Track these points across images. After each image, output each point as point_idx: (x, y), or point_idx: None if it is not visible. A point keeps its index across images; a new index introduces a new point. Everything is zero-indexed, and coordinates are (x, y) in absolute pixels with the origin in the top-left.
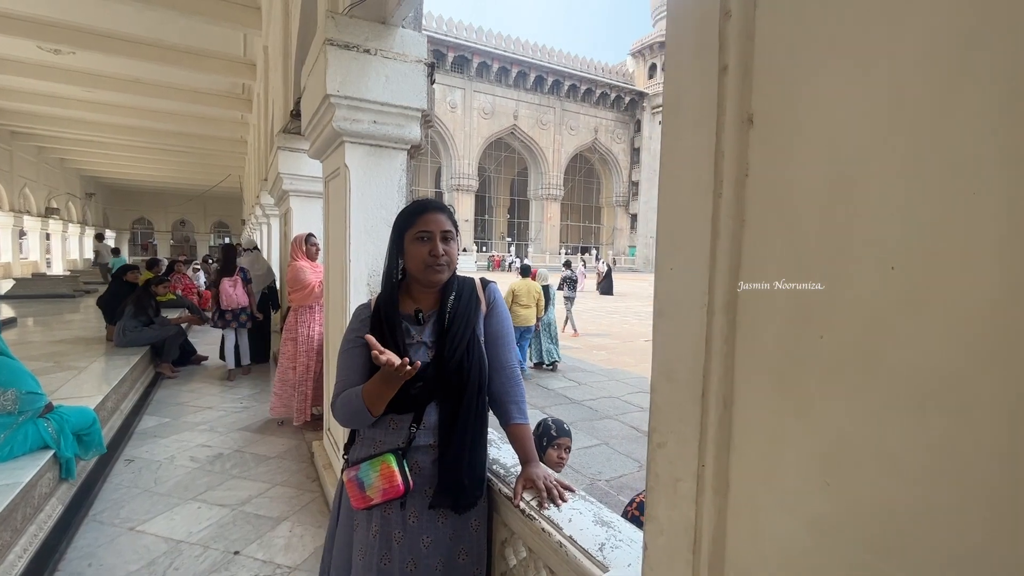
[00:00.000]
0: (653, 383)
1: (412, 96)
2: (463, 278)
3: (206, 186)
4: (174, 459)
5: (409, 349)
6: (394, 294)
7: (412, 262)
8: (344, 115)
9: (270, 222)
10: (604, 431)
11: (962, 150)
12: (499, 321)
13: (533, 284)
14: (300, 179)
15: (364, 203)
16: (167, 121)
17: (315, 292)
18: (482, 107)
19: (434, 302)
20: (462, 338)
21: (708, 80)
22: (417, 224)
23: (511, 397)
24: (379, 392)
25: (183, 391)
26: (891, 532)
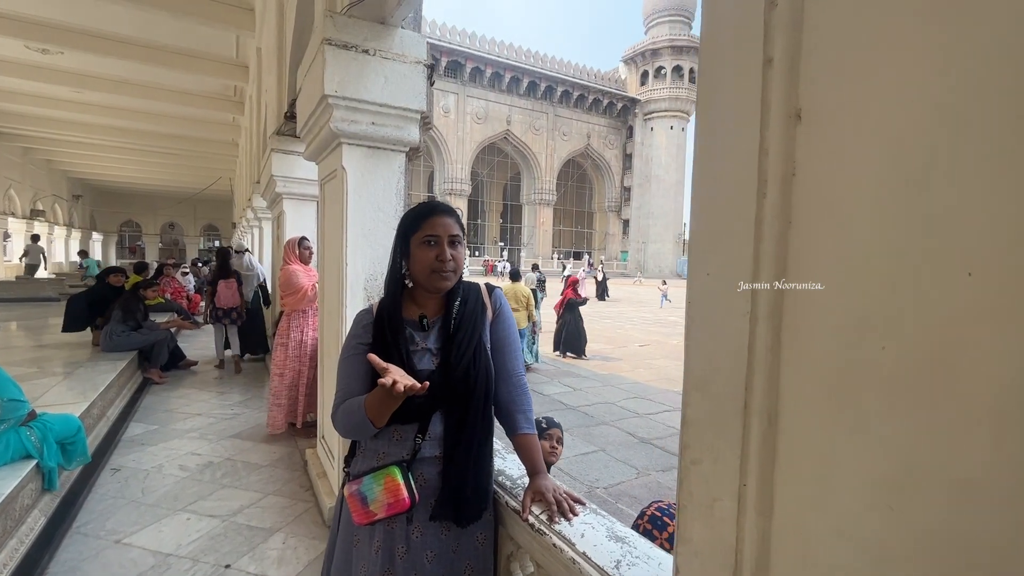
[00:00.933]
0: (686, 396)
1: (411, 97)
2: (468, 283)
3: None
4: (162, 468)
5: (414, 356)
6: (398, 299)
7: (418, 267)
8: (342, 116)
9: (262, 225)
10: (601, 437)
11: None
12: (505, 328)
13: (521, 287)
14: (294, 181)
15: (362, 206)
16: (157, 123)
17: (308, 296)
18: (475, 112)
19: (439, 308)
20: (469, 345)
21: (751, 74)
22: (423, 228)
23: (518, 406)
24: (382, 404)
25: (172, 397)
26: (966, 564)
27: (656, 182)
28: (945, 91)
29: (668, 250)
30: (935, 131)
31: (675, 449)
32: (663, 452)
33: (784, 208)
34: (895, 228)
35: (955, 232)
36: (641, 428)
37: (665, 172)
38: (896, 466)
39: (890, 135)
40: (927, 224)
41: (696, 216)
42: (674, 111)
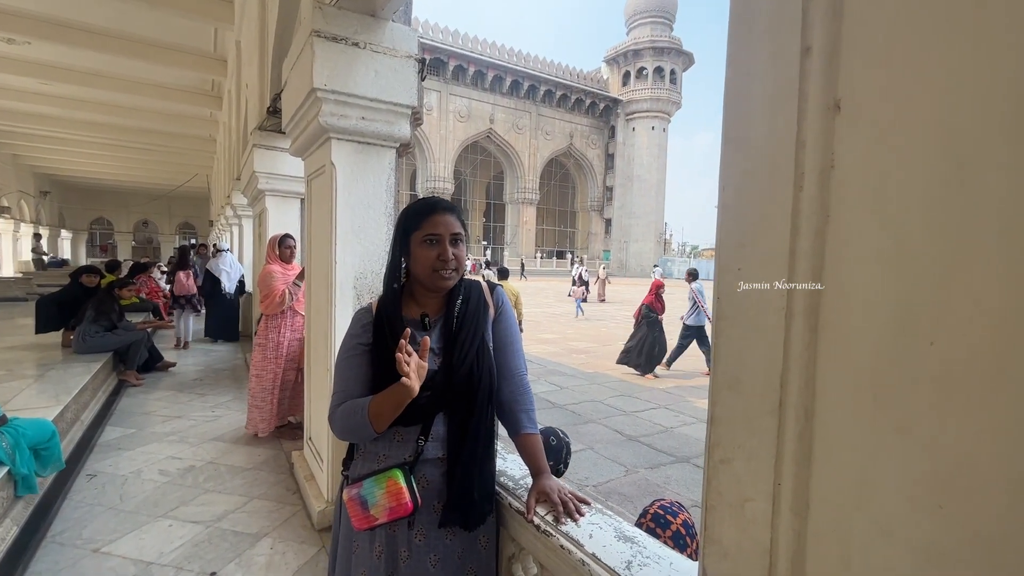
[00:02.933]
0: (714, 393)
1: (402, 92)
2: (470, 281)
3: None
4: (141, 473)
5: None
6: (398, 298)
7: (419, 266)
8: (331, 110)
9: (242, 223)
10: (588, 435)
11: None
12: (508, 326)
13: (511, 285)
14: (277, 178)
15: (351, 203)
16: (130, 117)
17: (275, 302)
18: (458, 110)
19: (440, 306)
20: (471, 344)
21: (787, 63)
22: (424, 226)
23: (521, 406)
24: (388, 409)
25: (150, 399)
26: None
27: (638, 182)
28: (996, 79)
29: (649, 249)
30: (986, 120)
31: (661, 446)
32: (650, 449)
33: (822, 202)
34: (943, 221)
35: (1009, 224)
36: (628, 426)
37: (647, 172)
38: (947, 465)
39: (938, 125)
40: (978, 216)
41: (726, 210)
42: (655, 112)
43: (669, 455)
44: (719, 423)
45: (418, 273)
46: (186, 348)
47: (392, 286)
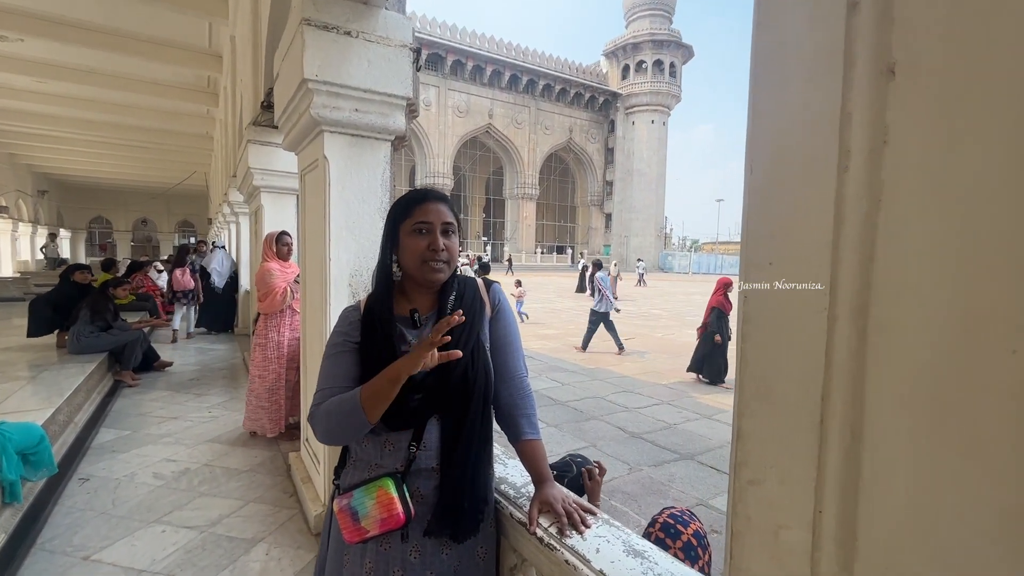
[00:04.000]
0: (742, 405)
1: (396, 83)
2: (464, 277)
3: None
4: (135, 476)
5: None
6: (388, 294)
7: (408, 257)
8: (323, 102)
9: (239, 220)
10: (591, 433)
11: None
12: (506, 325)
13: None
14: (272, 174)
15: (345, 197)
16: (127, 115)
17: (277, 300)
18: (456, 105)
19: (432, 303)
20: (466, 344)
21: (831, 22)
22: (414, 215)
23: (521, 410)
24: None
25: (146, 400)
26: None
27: (638, 176)
28: None
29: (650, 244)
30: None
31: (665, 443)
32: (653, 446)
33: (872, 184)
34: None
35: None
36: (631, 423)
37: (647, 166)
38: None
39: (1019, 91)
40: None
41: (754, 195)
42: (655, 105)
43: (673, 452)
44: (747, 439)
45: (407, 265)
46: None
47: (382, 281)
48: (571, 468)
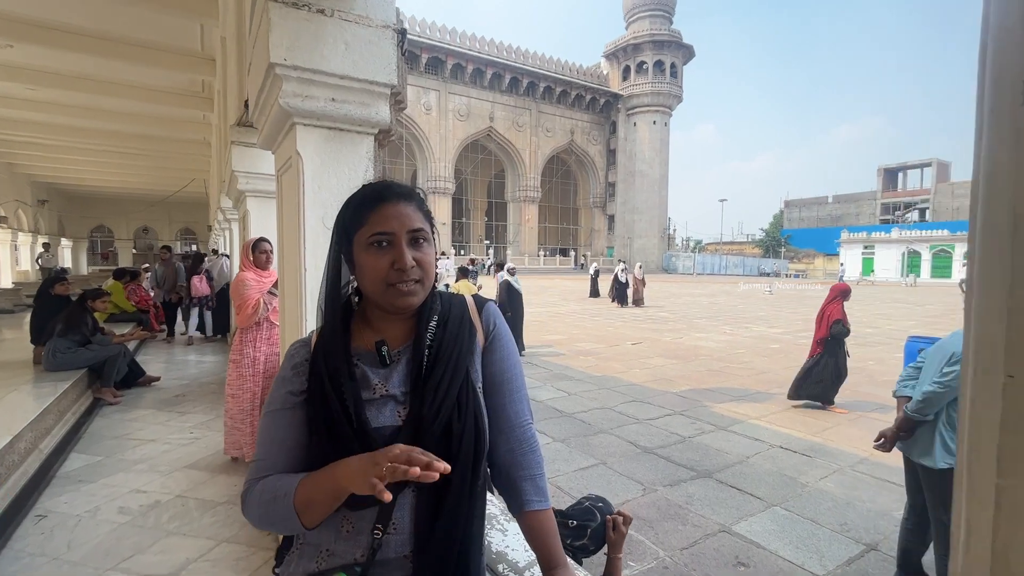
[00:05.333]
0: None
1: (379, 68)
2: (448, 295)
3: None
4: (98, 512)
5: (369, 407)
6: (340, 324)
7: (368, 279)
8: (294, 90)
9: (232, 227)
10: (601, 448)
11: None
12: (504, 358)
13: (468, 285)
14: (257, 177)
15: (322, 199)
16: (122, 122)
17: (249, 312)
18: (457, 109)
19: (406, 332)
20: (450, 387)
21: None
22: (370, 222)
23: (525, 470)
24: (322, 498)
25: (125, 420)
26: None
27: (640, 177)
28: None
29: (654, 245)
30: None
31: (680, 460)
32: (667, 463)
33: None
34: None
35: None
36: (642, 436)
37: (649, 167)
38: None
39: None
40: None
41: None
42: (656, 106)
43: (689, 469)
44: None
45: (367, 289)
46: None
47: (333, 308)
48: (594, 516)
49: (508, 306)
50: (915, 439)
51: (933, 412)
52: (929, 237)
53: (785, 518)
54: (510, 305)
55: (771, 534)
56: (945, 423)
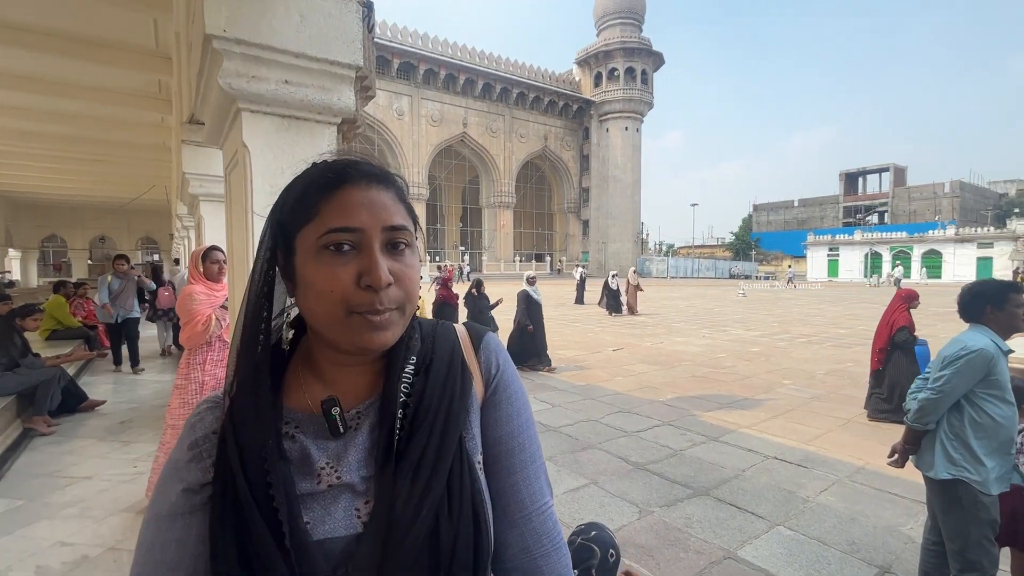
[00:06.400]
0: None
1: (341, 46)
2: (430, 323)
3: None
4: (8, 574)
5: (310, 506)
6: (265, 372)
7: (316, 302)
8: (237, 69)
9: (189, 235)
10: (590, 465)
11: None
12: (513, 414)
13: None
14: (211, 180)
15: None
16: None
17: (198, 330)
18: (430, 114)
19: (369, 384)
20: (437, 466)
21: None
22: (325, 213)
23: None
24: None
25: (59, 453)
26: None
27: (613, 182)
28: None
29: (628, 249)
30: None
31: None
32: (662, 480)
33: None
34: None
35: None
36: (633, 450)
37: (622, 172)
38: None
39: None
40: None
41: None
42: (628, 112)
43: (685, 486)
44: None
45: (315, 319)
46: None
47: (252, 351)
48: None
49: (529, 319)
50: (921, 451)
51: (933, 420)
52: (889, 239)
53: (791, 539)
54: (531, 318)
55: (779, 559)
56: (946, 431)
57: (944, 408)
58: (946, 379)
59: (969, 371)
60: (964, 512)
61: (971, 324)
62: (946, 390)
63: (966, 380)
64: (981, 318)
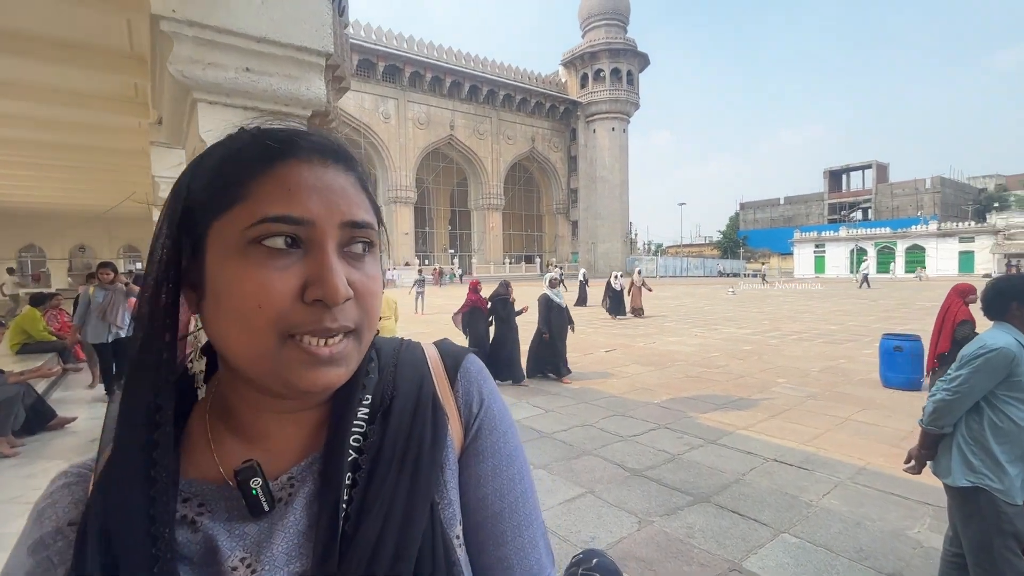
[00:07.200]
0: None
1: (309, 31)
2: (391, 346)
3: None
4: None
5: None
6: (168, 425)
7: (235, 321)
8: (190, 54)
9: None
10: (586, 473)
11: None
12: (502, 466)
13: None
14: None
15: None
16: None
17: None
18: (417, 117)
19: (308, 438)
20: (401, 558)
21: None
22: (258, 195)
23: None
24: None
25: (20, 478)
26: None
27: (601, 183)
28: None
29: (617, 249)
30: None
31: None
32: (660, 487)
33: None
34: None
35: None
36: (629, 456)
37: (609, 173)
38: None
39: None
40: None
41: None
42: (615, 113)
43: (684, 493)
44: None
45: (231, 341)
46: None
47: (143, 391)
48: None
49: (551, 325)
50: (938, 456)
51: (950, 423)
52: (874, 235)
53: (797, 547)
54: (552, 324)
55: (786, 569)
56: (964, 435)
57: (961, 410)
58: (963, 379)
59: (989, 371)
60: (985, 522)
61: (994, 322)
62: (963, 391)
63: (985, 381)
64: (1006, 315)
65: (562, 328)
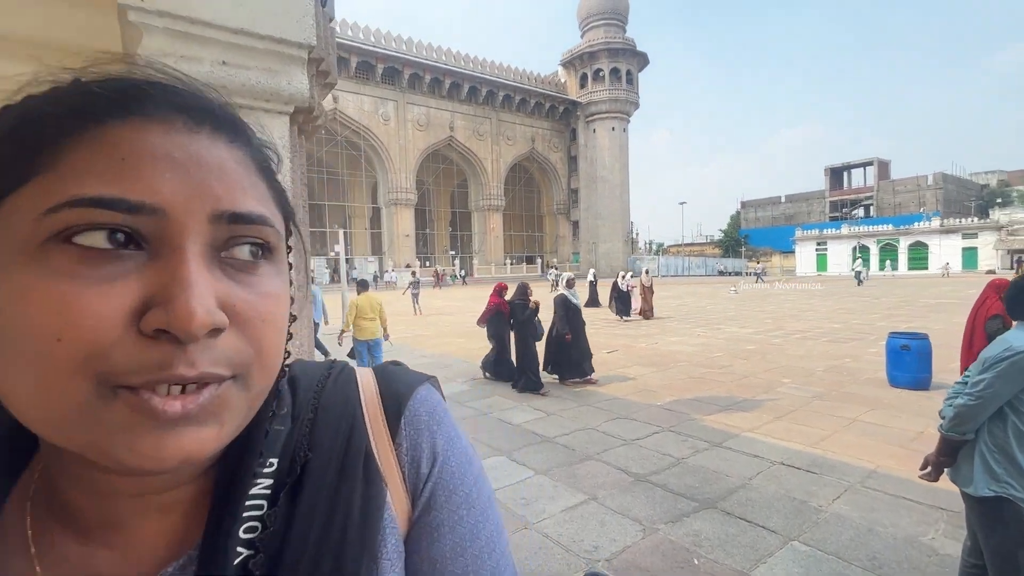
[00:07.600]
0: None
1: (289, 21)
2: (314, 373)
3: None
4: None
5: None
6: None
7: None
8: (162, 47)
9: None
10: (588, 479)
11: None
12: (463, 545)
13: (374, 296)
14: None
15: None
16: None
17: None
18: (416, 119)
19: (181, 530)
20: None
21: None
22: (70, 165)
23: None
24: None
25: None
26: None
27: (602, 183)
28: None
29: (618, 249)
30: None
31: (678, 487)
32: (665, 493)
33: None
34: None
35: None
36: (633, 460)
37: (609, 173)
38: None
39: None
40: None
41: None
42: (614, 112)
43: (690, 499)
44: None
45: (15, 398)
46: None
47: None
48: None
49: (569, 326)
50: (958, 464)
51: (971, 430)
52: (876, 232)
53: (807, 556)
54: (571, 326)
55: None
56: (987, 442)
57: (984, 416)
58: (987, 383)
59: (1014, 374)
60: (1009, 533)
61: (1018, 322)
62: (987, 396)
63: (1010, 385)
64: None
65: (581, 328)
